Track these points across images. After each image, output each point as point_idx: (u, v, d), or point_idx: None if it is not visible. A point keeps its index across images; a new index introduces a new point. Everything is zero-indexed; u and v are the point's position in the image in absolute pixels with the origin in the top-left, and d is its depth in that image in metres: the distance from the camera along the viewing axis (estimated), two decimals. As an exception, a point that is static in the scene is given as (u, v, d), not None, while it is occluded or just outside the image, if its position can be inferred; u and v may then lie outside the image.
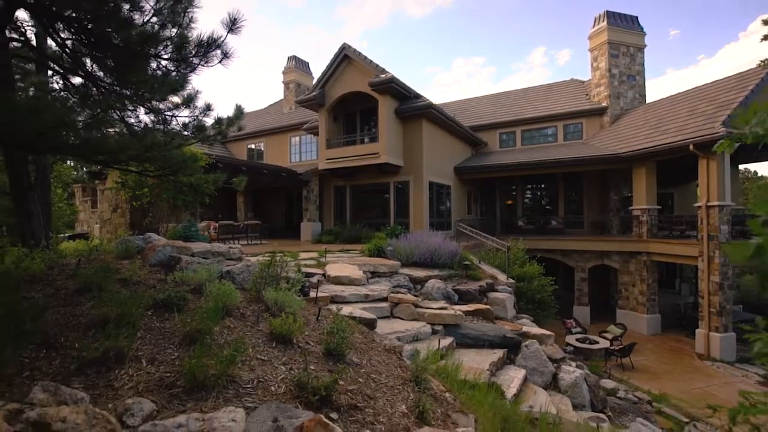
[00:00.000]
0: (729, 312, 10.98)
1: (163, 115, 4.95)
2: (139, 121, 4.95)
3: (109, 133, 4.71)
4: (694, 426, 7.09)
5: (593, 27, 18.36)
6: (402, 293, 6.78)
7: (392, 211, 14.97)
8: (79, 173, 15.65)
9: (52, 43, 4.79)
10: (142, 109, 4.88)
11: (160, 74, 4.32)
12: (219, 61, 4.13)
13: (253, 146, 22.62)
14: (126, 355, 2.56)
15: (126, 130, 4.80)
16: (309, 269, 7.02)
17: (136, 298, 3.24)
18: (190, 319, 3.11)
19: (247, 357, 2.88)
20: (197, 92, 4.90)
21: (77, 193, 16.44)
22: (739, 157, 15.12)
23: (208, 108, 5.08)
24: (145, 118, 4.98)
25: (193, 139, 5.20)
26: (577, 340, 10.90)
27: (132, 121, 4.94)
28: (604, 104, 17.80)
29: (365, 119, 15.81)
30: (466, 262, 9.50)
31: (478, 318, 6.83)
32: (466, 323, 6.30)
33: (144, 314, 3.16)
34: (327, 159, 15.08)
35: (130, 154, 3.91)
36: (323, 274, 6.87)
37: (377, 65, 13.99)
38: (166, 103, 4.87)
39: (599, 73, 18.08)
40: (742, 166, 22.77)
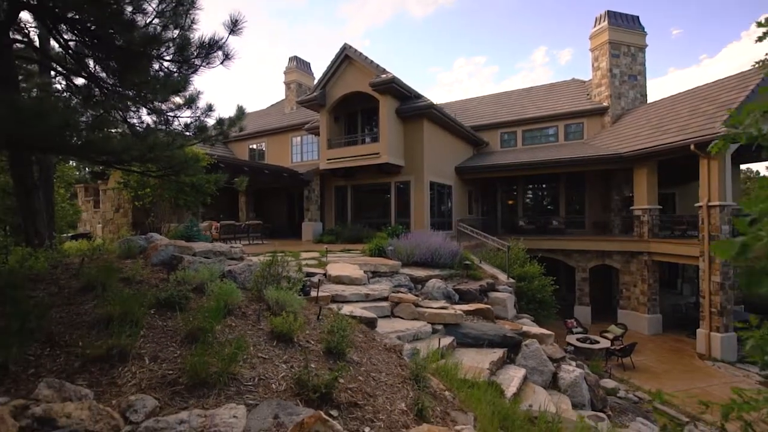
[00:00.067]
0: (730, 312, 10.97)
1: (165, 116, 4.99)
2: (142, 121, 5.00)
3: (112, 133, 4.76)
4: (694, 426, 7.11)
5: (594, 27, 18.35)
6: (402, 293, 6.81)
7: (393, 211, 15.00)
8: (81, 173, 15.71)
9: (54, 44, 4.85)
10: (145, 110, 4.94)
11: (163, 75, 4.36)
12: (220, 62, 4.17)
13: (255, 146, 22.67)
14: (129, 352, 2.60)
15: (129, 130, 4.85)
16: (310, 269, 7.05)
17: (139, 297, 3.29)
18: (192, 317, 3.15)
19: (249, 355, 2.91)
20: (199, 93, 4.95)
21: (80, 193, 16.53)
22: (741, 157, 15.10)
23: (209, 108, 5.13)
24: (148, 119, 5.03)
25: (195, 140, 5.24)
26: (578, 340, 10.91)
27: (134, 122, 4.99)
28: (605, 104, 17.78)
29: (366, 119, 15.84)
30: (467, 262, 9.52)
31: (478, 317, 6.85)
32: (467, 323, 6.32)
33: (147, 313, 3.20)
34: (328, 159, 15.12)
35: (133, 154, 3.95)
36: (324, 274, 6.90)
37: (378, 65, 14.02)
38: (168, 104, 4.93)
39: (600, 72, 18.07)
40: (744, 165, 22.71)
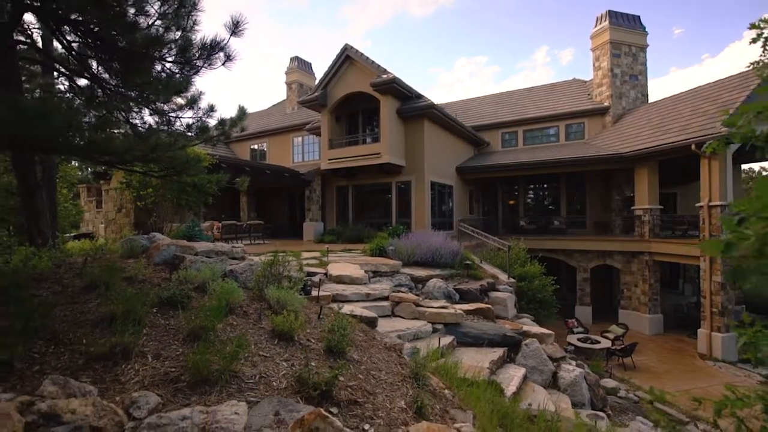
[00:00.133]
0: (731, 312, 10.96)
1: (167, 117, 5.03)
2: (144, 122, 5.03)
3: (115, 134, 4.79)
4: (695, 426, 7.11)
5: (595, 27, 18.34)
6: (403, 292, 6.84)
7: (394, 210, 15.02)
8: (84, 173, 15.77)
9: (57, 46, 4.89)
10: (147, 111, 4.96)
11: (165, 76, 4.39)
12: (222, 64, 4.21)
13: (256, 146, 22.72)
14: (132, 350, 2.63)
15: (131, 131, 4.88)
16: (311, 268, 7.09)
17: (142, 296, 3.32)
18: (194, 316, 3.18)
19: (250, 353, 2.95)
20: (201, 93, 4.99)
21: (82, 194, 16.58)
22: (742, 157, 15.06)
23: (211, 109, 5.16)
24: (150, 120, 5.06)
25: (196, 140, 5.28)
26: (579, 340, 10.92)
27: (137, 123, 5.02)
28: (606, 104, 17.77)
29: (367, 119, 15.87)
30: (468, 262, 9.54)
31: (478, 317, 6.87)
32: (467, 322, 6.34)
33: (149, 311, 3.23)
34: (329, 159, 15.15)
35: (135, 154, 3.98)
36: (325, 274, 6.93)
37: (379, 66, 14.05)
38: (171, 105, 4.96)
39: (601, 72, 18.06)
40: (747, 165, 22.65)
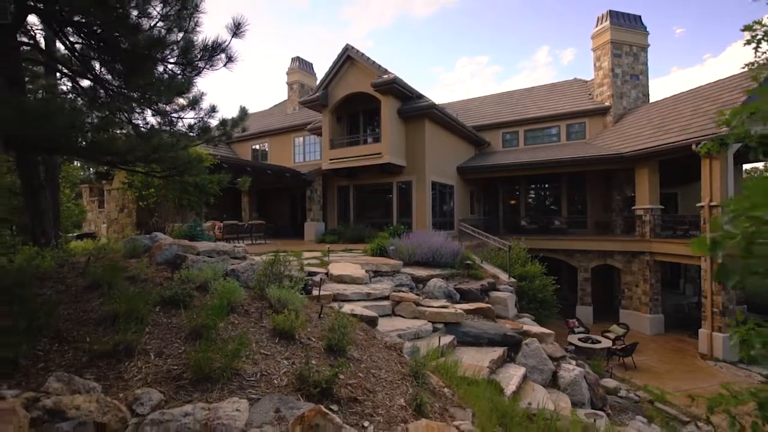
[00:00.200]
0: (732, 312, 10.95)
1: (169, 117, 5.07)
2: (146, 122, 5.07)
3: (117, 134, 4.83)
4: (696, 426, 7.12)
5: (596, 27, 18.33)
6: (404, 292, 6.86)
7: (395, 210, 15.05)
8: (86, 174, 15.85)
9: (60, 46, 4.93)
10: (149, 111, 5.00)
11: (167, 77, 4.43)
12: (224, 65, 4.24)
13: (258, 147, 22.77)
14: (135, 348, 2.67)
15: (133, 131, 4.92)
16: (312, 268, 7.11)
17: (144, 295, 3.36)
18: (196, 315, 3.22)
19: (251, 351, 2.98)
20: (202, 94, 5.02)
21: (84, 194, 16.67)
22: (743, 157, 15.03)
23: (213, 110, 5.20)
24: (152, 120, 5.10)
25: (198, 140, 5.31)
26: (580, 340, 10.92)
27: (139, 123, 5.06)
28: (607, 104, 17.77)
29: (368, 120, 15.90)
30: (468, 262, 9.56)
31: (479, 316, 6.89)
32: (467, 321, 6.36)
33: (152, 310, 3.27)
34: (330, 159, 15.19)
35: (138, 155, 4.02)
36: (326, 273, 6.96)
37: (380, 66, 14.08)
38: (172, 105, 4.99)
39: (602, 72, 18.05)
40: (748, 165, 22.58)
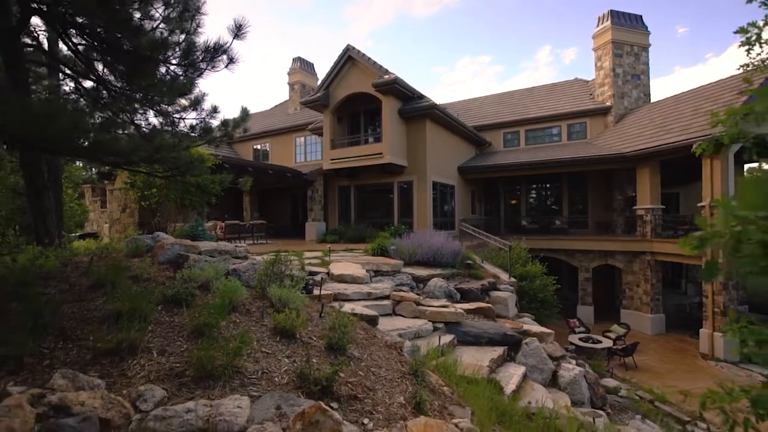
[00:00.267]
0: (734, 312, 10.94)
1: (171, 118, 5.11)
2: (149, 123, 5.12)
3: (120, 135, 4.88)
4: (696, 425, 7.12)
5: (597, 26, 18.32)
6: (404, 291, 6.89)
7: (396, 210, 15.08)
8: (88, 174, 15.95)
9: (63, 47, 4.98)
10: (152, 112, 5.05)
11: (169, 78, 4.47)
12: (225, 66, 4.28)
13: (259, 147, 22.83)
14: (138, 346, 2.70)
15: (136, 132, 4.96)
16: (313, 268, 7.15)
17: (147, 294, 3.40)
18: (198, 313, 3.25)
19: (252, 350, 3.01)
20: (204, 95, 5.07)
21: (87, 194, 16.75)
22: (745, 157, 15.01)
23: (214, 110, 5.25)
24: (154, 121, 5.15)
25: (200, 141, 5.35)
26: (580, 340, 10.93)
27: (141, 124, 5.11)
28: (608, 104, 17.75)
29: (369, 120, 15.93)
30: (469, 261, 9.58)
31: (479, 316, 6.91)
32: (467, 321, 6.38)
33: (154, 309, 3.31)
34: (331, 159, 15.22)
35: (141, 155, 4.06)
36: (327, 273, 6.99)
37: (381, 66, 14.11)
38: (175, 106, 5.04)
39: (603, 72, 18.04)
40: (750, 165, 22.51)
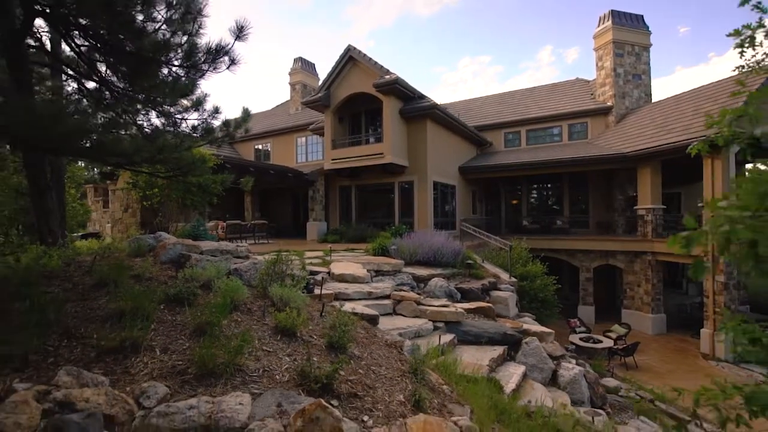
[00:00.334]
0: (734, 312, 10.94)
1: (173, 118, 5.15)
2: (151, 123, 5.17)
3: (123, 135, 4.92)
4: (696, 425, 7.13)
5: (598, 26, 18.31)
6: (405, 291, 6.92)
7: (397, 210, 15.10)
8: (90, 174, 16.02)
9: (66, 48, 5.02)
10: (154, 113, 5.09)
11: (171, 79, 4.51)
12: (227, 67, 4.32)
13: (260, 147, 22.88)
14: (141, 344, 2.74)
15: (138, 132, 5.00)
16: (314, 267, 7.18)
17: (149, 293, 3.44)
18: (199, 312, 3.28)
19: (254, 348, 3.05)
20: (206, 95, 5.10)
21: (89, 194, 16.84)
22: (746, 158, 15.00)
23: (216, 111, 5.28)
24: (157, 121, 5.19)
25: (202, 141, 5.39)
26: (581, 339, 10.94)
27: (144, 124, 5.15)
28: (609, 104, 17.74)
29: (370, 120, 15.96)
30: (469, 261, 9.61)
31: (479, 316, 6.94)
32: (468, 320, 6.41)
33: (157, 308, 3.35)
34: (332, 159, 15.26)
35: (143, 156, 4.10)
36: (328, 272, 7.02)
37: (382, 66, 14.13)
38: (177, 107, 5.08)
39: (604, 72, 18.02)
40: (750, 165, 22.47)
